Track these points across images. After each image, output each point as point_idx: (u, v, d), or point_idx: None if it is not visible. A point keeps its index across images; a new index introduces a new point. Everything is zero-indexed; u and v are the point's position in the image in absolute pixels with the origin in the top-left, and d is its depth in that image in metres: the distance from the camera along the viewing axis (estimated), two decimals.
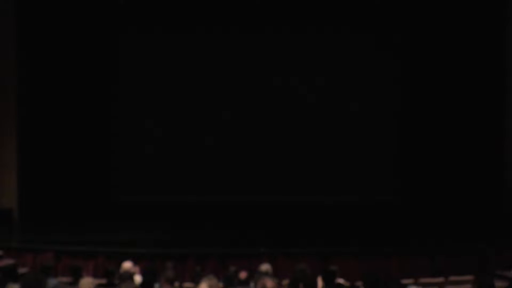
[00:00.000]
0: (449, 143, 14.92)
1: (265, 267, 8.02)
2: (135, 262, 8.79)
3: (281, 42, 15.48)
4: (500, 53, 14.73)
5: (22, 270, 9.64)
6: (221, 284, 6.90)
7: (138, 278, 7.67)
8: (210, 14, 15.09)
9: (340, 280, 7.65)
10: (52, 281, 7.28)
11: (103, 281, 8.22)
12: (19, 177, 14.24)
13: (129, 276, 7.36)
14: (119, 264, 8.40)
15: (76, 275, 7.90)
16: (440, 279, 9.42)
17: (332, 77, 15.56)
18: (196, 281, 7.76)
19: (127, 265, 8.12)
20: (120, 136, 15.46)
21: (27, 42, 14.27)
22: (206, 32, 15.38)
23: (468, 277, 9.14)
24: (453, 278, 9.42)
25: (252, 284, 7.71)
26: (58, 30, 14.58)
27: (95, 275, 9.90)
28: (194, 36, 15.41)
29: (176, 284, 7.36)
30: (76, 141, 14.76)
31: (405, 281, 8.79)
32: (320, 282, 7.51)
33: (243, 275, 8.56)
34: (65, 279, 8.64)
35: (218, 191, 15.28)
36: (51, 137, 14.55)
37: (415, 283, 8.86)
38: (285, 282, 8.24)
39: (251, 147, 15.48)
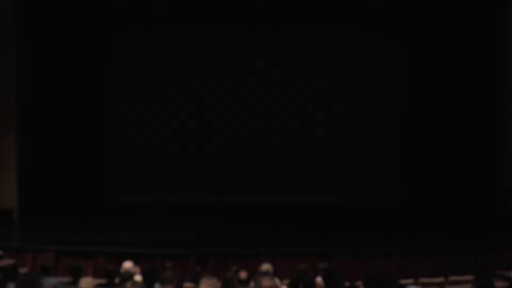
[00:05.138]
0: (449, 143, 14.93)
1: (265, 267, 8.02)
2: (135, 262, 8.78)
3: (281, 42, 15.51)
4: (500, 53, 14.73)
5: (22, 270, 9.63)
6: (221, 284, 6.89)
7: (138, 278, 7.66)
8: (210, 14, 15.10)
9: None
10: (52, 281, 7.29)
11: (103, 281, 8.22)
12: (19, 177, 14.23)
13: (130, 276, 7.36)
14: (119, 264, 8.40)
15: (76, 275, 7.89)
16: (440, 279, 9.41)
17: (332, 77, 15.58)
18: (196, 281, 7.76)
19: (127, 265, 8.12)
20: (119, 136, 15.47)
21: (27, 42, 14.27)
22: (206, 32, 15.39)
23: (468, 277, 9.14)
24: (453, 278, 9.41)
25: (252, 284, 7.72)
26: (58, 30, 14.59)
27: (95, 275, 9.91)
28: (194, 36, 15.42)
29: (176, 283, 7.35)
30: (76, 141, 14.77)
31: (405, 281, 8.79)
32: (320, 282, 7.52)
33: (243, 275, 8.56)
34: (65, 279, 8.64)
35: (218, 191, 15.30)
36: (51, 137, 14.55)
37: (415, 283, 8.85)
38: (285, 282, 8.25)
39: (251, 147, 15.49)
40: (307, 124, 15.58)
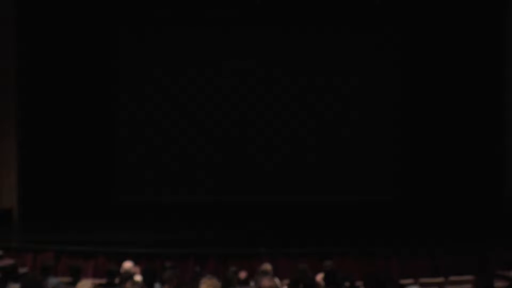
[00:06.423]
0: (450, 143, 14.92)
1: (265, 267, 8.03)
2: (135, 262, 8.79)
3: (281, 42, 15.49)
4: (500, 52, 14.73)
5: (22, 270, 9.63)
6: (221, 284, 6.90)
7: (138, 278, 7.66)
8: (211, 12, 15.08)
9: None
10: (52, 280, 7.29)
11: (103, 281, 8.22)
12: (19, 177, 14.24)
13: (130, 276, 7.36)
14: (119, 264, 8.40)
15: (76, 275, 7.90)
16: (440, 279, 9.42)
17: (332, 77, 15.58)
18: (196, 281, 7.76)
19: (127, 265, 8.12)
20: (120, 136, 15.46)
21: (27, 42, 14.27)
22: (206, 32, 15.39)
23: (468, 277, 9.15)
24: (453, 278, 9.42)
25: (252, 284, 7.72)
26: (59, 29, 14.59)
27: (95, 275, 9.91)
28: (194, 36, 15.41)
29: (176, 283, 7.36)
30: (76, 141, 14.76)
31: (405, 281, 8.80)
32: (320, 282, 7.52)
33: (243, 275, 8.56)
34: (65, 279, 8.64)
35: (218, 191, 15.30)
36: (51, 136, 14.55)
37: (415, 283, 8.86)
38: (285, 282, 8.25)
39: (251, 147, 15.49)
40: (307, 124, 15.57)
